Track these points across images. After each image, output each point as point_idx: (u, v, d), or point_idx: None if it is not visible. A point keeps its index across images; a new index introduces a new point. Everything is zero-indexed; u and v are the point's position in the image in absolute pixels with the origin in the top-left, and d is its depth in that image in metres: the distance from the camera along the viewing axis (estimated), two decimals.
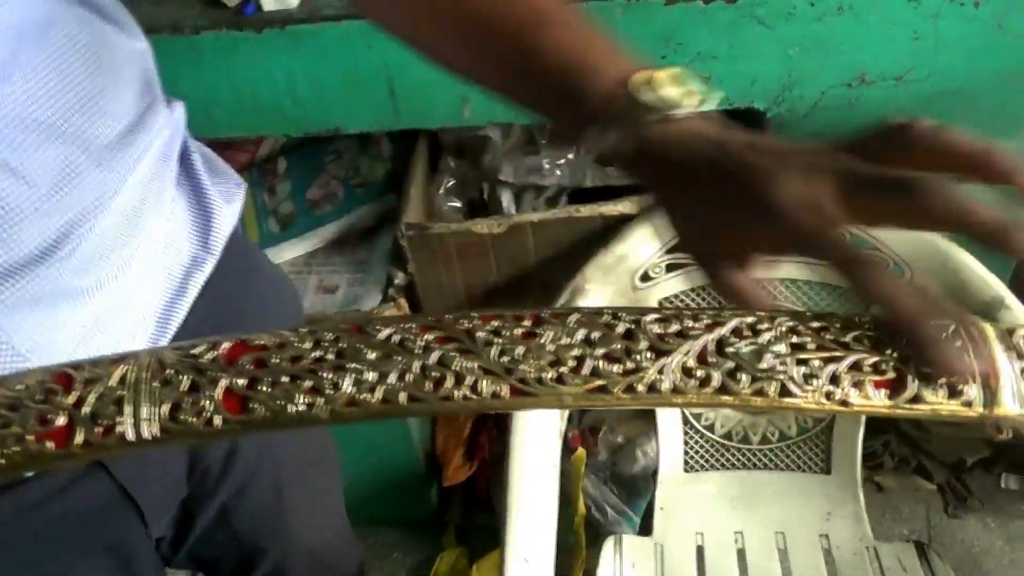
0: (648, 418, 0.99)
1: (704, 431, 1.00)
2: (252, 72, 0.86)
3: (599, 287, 0.89)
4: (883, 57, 0.78)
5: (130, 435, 0.30)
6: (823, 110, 0.83)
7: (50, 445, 0.30)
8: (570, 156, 0.99)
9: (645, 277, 0.91)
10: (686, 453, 1.01)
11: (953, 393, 0.30)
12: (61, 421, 0.30)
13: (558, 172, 0.99)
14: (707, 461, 1.01)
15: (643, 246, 0.90)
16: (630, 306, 0.32)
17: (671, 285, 0.92)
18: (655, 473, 1.03)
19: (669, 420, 0.99)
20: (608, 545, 0.95)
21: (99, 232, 0.47)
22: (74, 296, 0.46)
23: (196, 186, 0.57)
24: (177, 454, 0.59)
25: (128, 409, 0.30)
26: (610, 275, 0.89)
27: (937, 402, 0.30)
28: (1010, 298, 0.80)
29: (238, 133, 0.93)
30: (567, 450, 1.30)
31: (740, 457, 1.01)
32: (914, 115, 0.86)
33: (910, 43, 0.76)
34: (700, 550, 0.95)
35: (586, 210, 0.93)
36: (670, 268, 0.91)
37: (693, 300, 0.94)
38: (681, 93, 0.35)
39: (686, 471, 1.01)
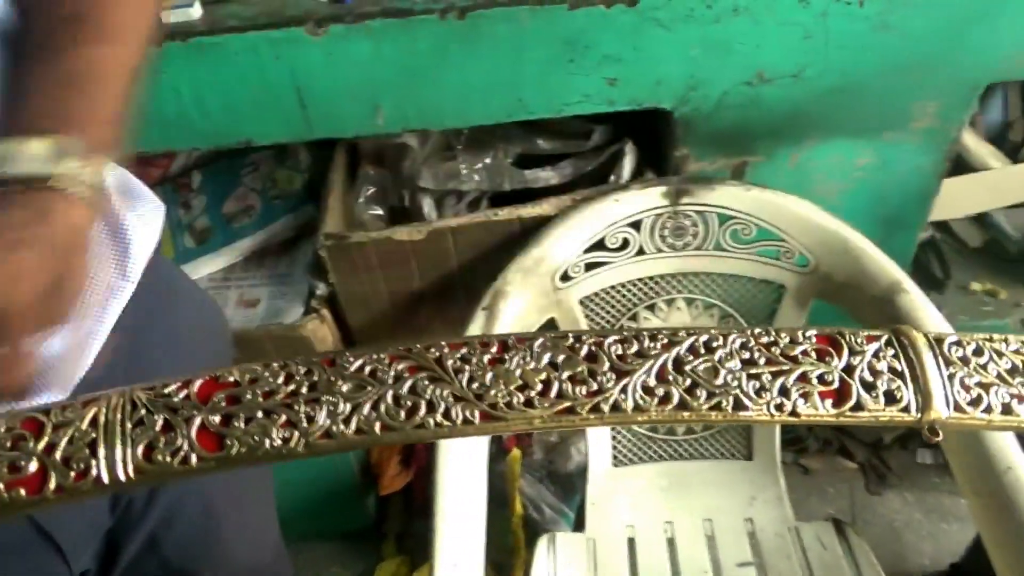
0: None
1: (632, 425, 1.02)
2: (156, 86, 0.84)
3: (520, 289, 0.89)
4: (778, 56, 0.81)
5: (105, 478, 0.30)
6: (726, 108, 0.85)
7: (22, 492, 0.30)
8: (487, 161, 1.00)
9: (565, 277, 0.92)
10: (614, 448, 1.03)
11: (891, 400, 0.32)
12: (33, 467, 0.30)
13: (476, 177, 1.00)
14: (635, 454, 1.03)
15: (562, 247, 0.91)
16: (592, 328, 0.34)
17: (591, 284, 0.94)
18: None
19: None
20: (542, 543, 0.96)
21: None
22: None
23: (110, 215, 0.55)
24: None
25: (102, 452, 0.30)
26: (531, 276, 0.90)
27: (877, 409, 0.32)
28: (907, 282, 0.84)
29: (145, 149, 0.90)
30: (502, 451, 1.31)
31: (667, 448, 1.03)
32: (811, 114, 0.89)
33: (802, 42, 0.79)
34: (631, 542, 0.97)
35: (504, 213, 0.93)
36: (589, 267, 0.92)
37: (613, 298, 0.96)
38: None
39: (615, 465, 1.03)
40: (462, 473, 0.80)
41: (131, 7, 0.48)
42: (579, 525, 1.01)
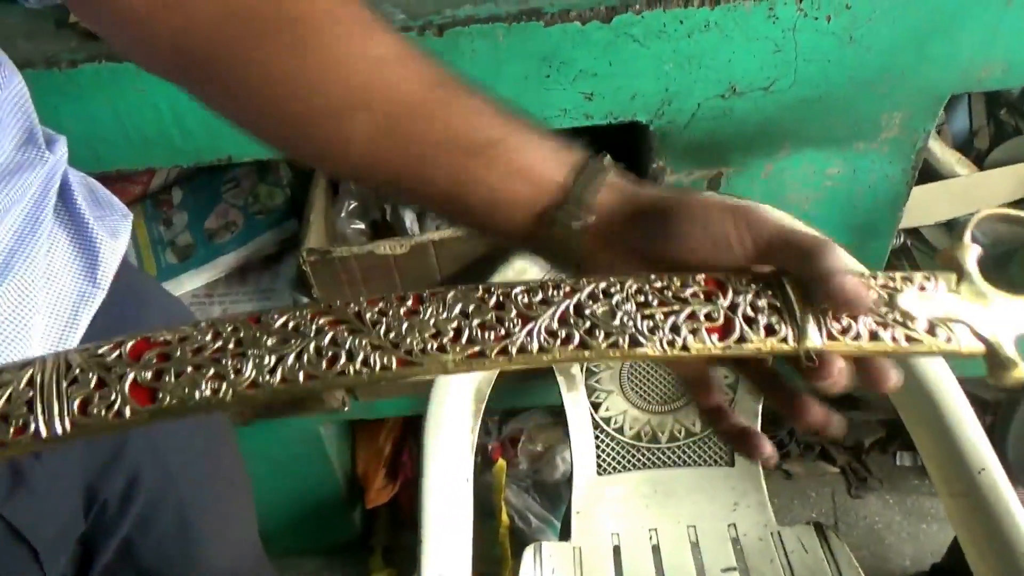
0: (565, 426, 1.02)
1: (614, 433, 1.03)
2: (136, 104, 0.84)
3: None
4: (750, 69, 0.83)
5: (43, 432, 0.31)
6: (701, 120, 0.87)
7: None
8: None
9: None
10: (598, 456, 1.04)
11: (770, 332, 0.35)
12: None
13: None
14: (619, 463, 1.04)
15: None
16: (501, 281, 0.36)
17: None
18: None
19: (580, 426, 1.02)
20: (528, 553, 0.97)
21: None
22: None
23: (78, 222, 0.56)
24: (72, 489, 0.58)
25: (39, 408, 0.31)
26: None
27: (759, 340, 0.35)
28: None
29: (125, 166, 0.91)
30: (488, 462, 1.31)
31: (650, 456, 1.04)
32: (782, 125, 0.90)
33: (772, 56, 0.81)
34: (617, 550, 0.98)
35: None
36: None
37: None
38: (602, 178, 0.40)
39: (599, 474, 1.04)
40: (447, 485, 0.81)
41: None
42: (565, 534, 1.02)
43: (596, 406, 1.02)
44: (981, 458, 0.73)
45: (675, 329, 0.35)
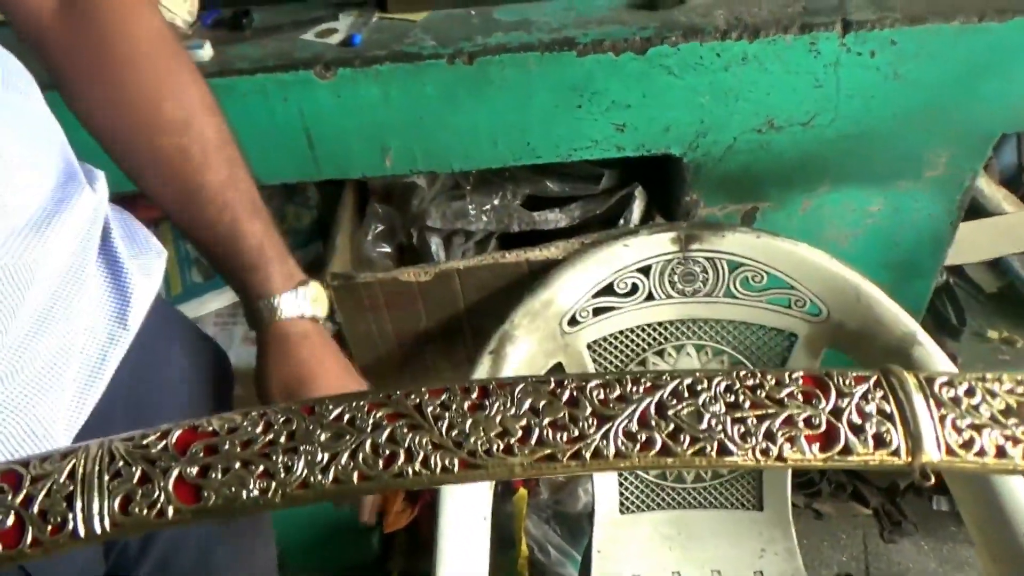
0: None
1: (638, 472, 1.00)
2: None
3: (527, 333, 0.89)
4: (789, 103, 0.80)
5: (81, 531, 0.30)
6: (736, 154, 0.85)
7: None
8: (496, 201, 0.99)
9: (573, 321, 0.91)
10: (621, 495, 1.01)
11: (880, 444, 0.31)
12: (10, 521, 0.30)
13: (484, 217, 1.00)
14: (642, 502, 1.01)
15: (570, 290, 0.90)
16: (574, 373, 0.34)
17: (599, 329, 0.93)
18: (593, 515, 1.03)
19: None
20: None
21: (15, 323, 0.45)
22: None
23: (113, 263, 0.55)
24: None
25: (79, 504, 0.30)
26: (537, 320, 0.89)
27: (866, 453, 0.31)
28: (921, 334, 0.82)
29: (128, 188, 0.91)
30: (509, 490, 1.29)
31: (675, 496, 1.01)
32: (822, 161, 0.88)
33: (813, 90, 0.79)
34: None
35: (512, 256, 0.93)
36: (597, 312, 0.91)
37: (622, 343, 0.94)
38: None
39: (622, 512, 1.01)
40: (465, 515, 0.78)
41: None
42: (585, 572, 0.99)
43: None
44: None
45: (769, 436, 0.31)
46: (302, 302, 0.60)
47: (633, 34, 0.77)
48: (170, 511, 0.30)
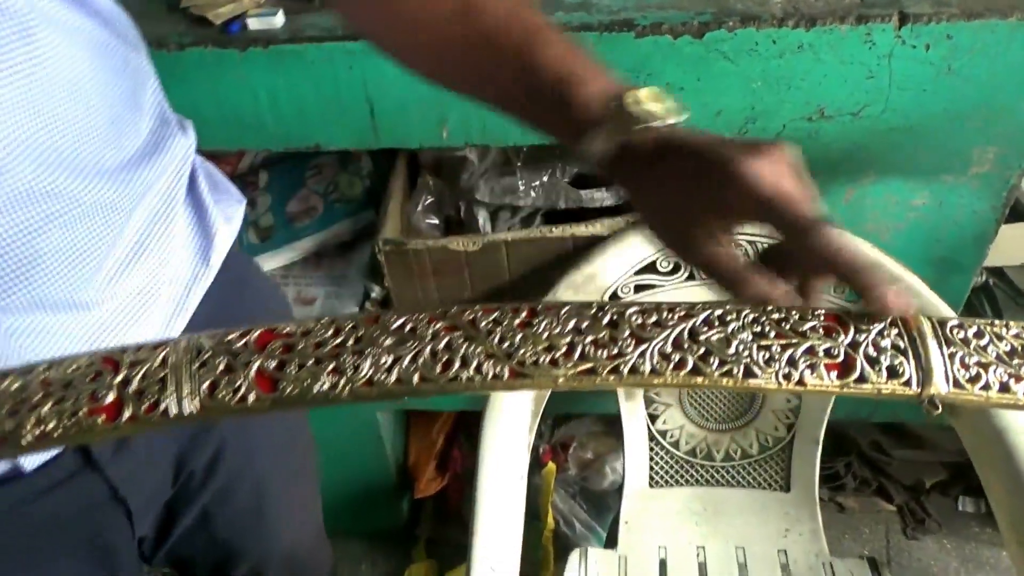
0: (617, 435, 1.02)
1: (669, 447, 1.03)
2: (235, 89, 0.88)
3: None
4: (840, 93, 0.82)
5: (173, 410, 0.33)
6: (785, 141, 0.86)
7: (101, 419, 0.33)
8: (544, 179, 1.02)
9: (614, 296, 0.94)
10: (651, 469, 1.04)
11: (892, 374, 0.34)
12: (111, 398, 0.33)
13: (533, 193, 1.02)
14: (672, 477, 1.04)
15: (613, 266, 0.93)
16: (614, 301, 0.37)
17: None
18: (622, 488, 1.06)
19: (636, 436, 1.02)
20: (574, 558, 0.97)
21: (113, 254, 0.49)
22: (79, 307, 0.48)
23: (199, 204, 0.59)
24: (165, 457, 0.61)
25: (171, 387, 0.33)
26: (580, 294, 0.92)
27: (880, 382, 0.34)
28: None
29: (220, 147, 0.95)
30: (537, 465, 1.32)
31: (703, 474, 1.04)
32: (869, 152, 0.89)
33: (865, 81, 0.80)
34: (663, 563, 0.98)
35: (558, 230, 0.96)
36: (638, 289, 0.94)
37: None
38: (660, 108, 0.42)
39: (651, 487, 1.04)
40: (502, 478, 0.82)
41: None
42: (609, 543, 1.02)
43: (653, 418, 1.02)
44: None
45: (792, 362, 0.34)
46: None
47: (691, 18, 0.79)
48: (251, 398, 0.33)
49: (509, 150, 1.04)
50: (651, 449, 1.03)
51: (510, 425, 0.83)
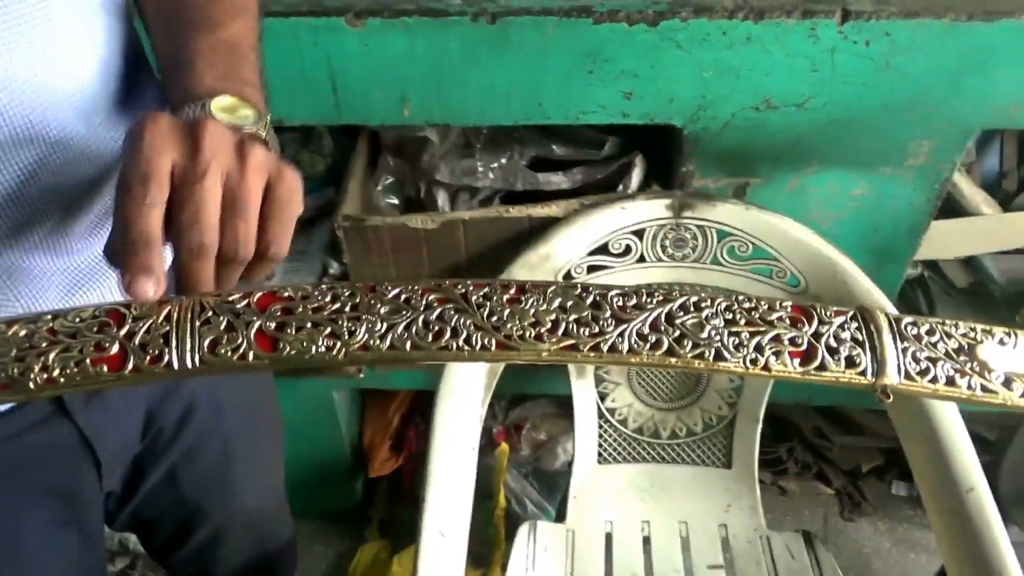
0: (570, 417, 1.05)
1: (618, 425, 1.06)
2: None
3: None
4: (785, 85, 0.86)
5: (175, 364, 0.34)
6: (733, 129, 0.90)
7: (105, 369, 0.34)
8: (503, 161, 1.05)
9: (567, 276, 0.97)
10: (600, 446, 1.07)
11: (850, 364, 0.37)
12: (115, 349, 0.34)
13: (491, 175, 1.05)
14: (620, 454, 1.07)
15: (567, 247, 0.96)
16: (597, 283, 0.40)
17: None
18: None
19: (586, 413, 1.05)
20: (522, 531, 1.00)
21: (98, 202, 0.50)
22: (61, 254, 0.49)
23: None
24: (137, 410, 0.62)
25: (174, 342, 0.35)
26: (535, 273, 0.95)
27: (838, 371, 0.37)
28: (891, 309, 0.88)
29: None
30: (491, 445, 1.35)
31: (650, 451, 1.07)
32: (812, 143, 0.92)
33: (809, 74, 0.84)
34: (609, 537, 1.01)
35: (515, 211, 0.98)
36: (591, 269, 0.97)
37: None
38: (230, 115, 0.45)
39: (599, 463, 1.07)
40: (454, 449, 0.84)
41: None
42: (560, 518, 1.05)
43: (603, 396, 1.05)
44: (971, 478, 0.75)
45: (759, 348, 0.37)
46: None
47: (647, 6, 0.82)
48: (251, 356, 0.35)
49: (469, 132, 1.06)
50: (600, 426, 1.06)
51: (463, 398, 0.86)
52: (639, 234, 0.96)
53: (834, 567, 0.94)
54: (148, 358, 0.34)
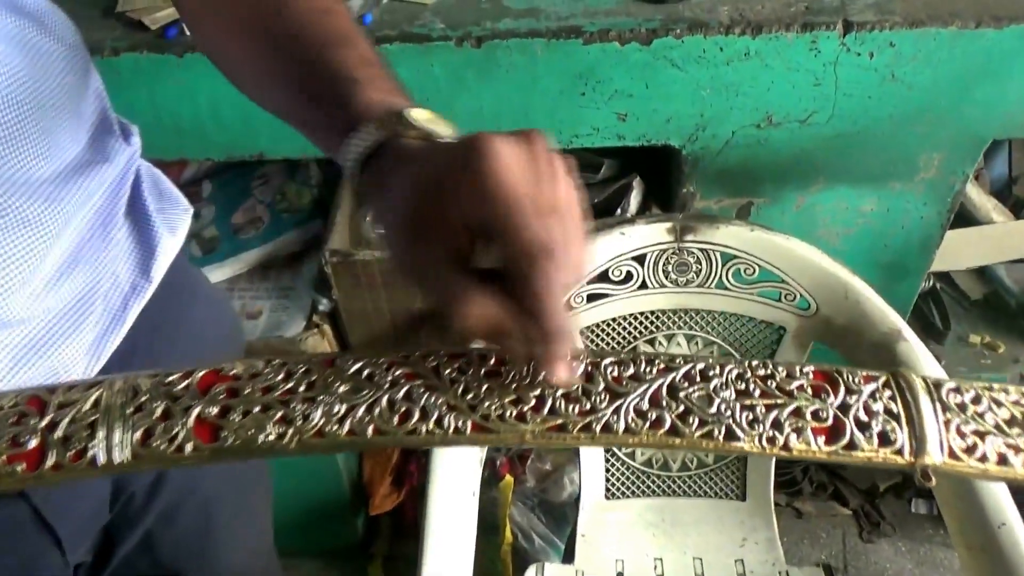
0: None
1: (625, 459, 1.02)
2: (174, 96, 0.85)
3: None
4: (787, 100, 0.82)
5: (101, 459, 0.31)
6: (735, 148, 0.87)
7: (21, 467, 0.30)
8: None
9: (567, 307, 0.92)
10: (607, 480, 1.02)
11: (884, 442, 0.32)
12: (33, 443, 0.31)
13: None
14: (628, 488, 1.03)
15: None
16: (589, 349, 0.35)
17: (592, 315, 0.94)
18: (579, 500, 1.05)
19: (592, 448, 1.00)
20: (530, 574, 0.95)
21: (41, 269, 0.46)
22: (7, 325, 0.45)
23: (142, 215, 0.56)
24: (101, 480, 0.58)
25: (101, 433, 0.31)
26: None
27: (871, 450, 0.32)
28: (907, 330, 0.84)
29: (159, 156, 0.91)
30: (495, 478, 1.30)
31: (660, 484, 1.03)
32: (818, 159, 0.89)
33: (811, 88, 0.81)
34: None
35: None
36: (591, 298, 0.93)
37: (614, 330, 0.96)
38: (435, 125, 0.38)
39: (607, 498, 1.02)
40: (453, 496, 0.80)
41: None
42: (568, 557, 1.01)
43: None
44: (1002, 512, 0.71)
45: (777, 425, 0.32)
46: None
47: (639, 25, 0.79)
48: (188, 448, 0.31)
49: None
50: (607, 460, 1.01)
51: None
52: (640, 259, 0.92)
53: None
54: (71, 453, 0.30)
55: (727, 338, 0.96)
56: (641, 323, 0.96)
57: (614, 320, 0.96)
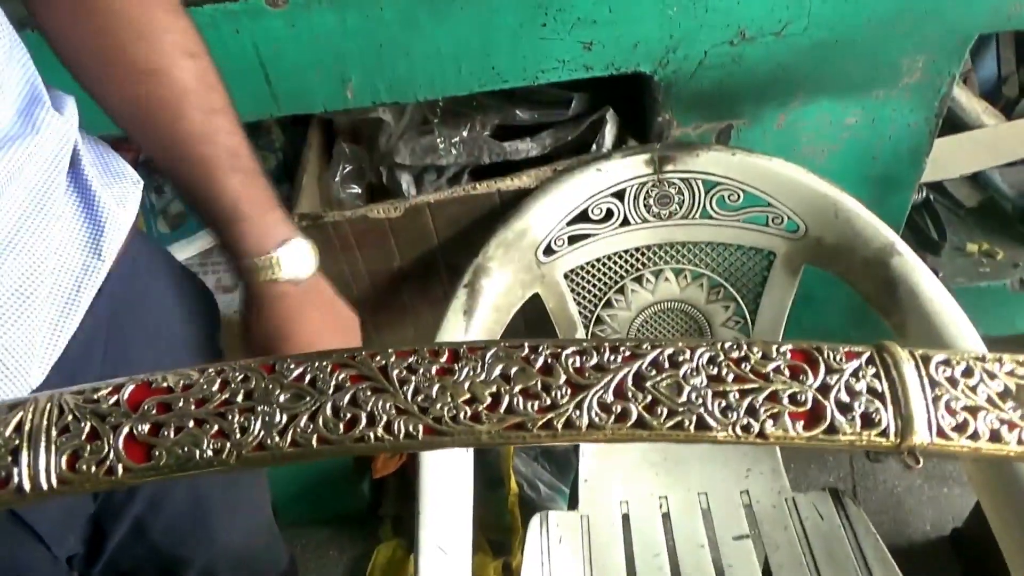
0: None
1: None
2: None
3: (502, 265, 0.87)
4: (760, 12, 0.77)
5: (26, 486, 0.29)
6: (708, 69, 0.82)
7: None
8: (465, 133, 0.97)
9: (548, 251, 0.90)
10: None
11: (868, 424, 0.30)
12: None
13: (454, 151, 0.97)
14: None
15: (543, 219, 0.89)
16: (550, 338, 0.32)
17: (575, 257, 0.91)
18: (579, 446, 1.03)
19: None
20: (534, 523, 0.95)
21: None
22: None
23: (84, 190, 0.54)
24: None
25: (24, 459, 0.29)
26: (512, 251, 0.88)
27: (853, 433, 0.30)
28: (900, 244, 0.81)
29: (106, 131, 0.87)
30: None
31: None
32: (796, 72, 0.85)
33: None
34: (626, 518, 0.95)
35: (483, 187, 0.91)
36: (573, 240, 0.90)
37: (599, 271, 0.93)
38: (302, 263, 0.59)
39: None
40: (448, 457, 0.78)
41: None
42: (573, 502, 1.00)
43: None
44: None
45: (752, 411, 0.30)
46: (276, 266, 0.58)
47: None
48: (119, 469, 0.29)
49: (425, 108, 0.99)
50: None
51: None
52: (619, 195, 0.88)
53: (866, 523, 0.88)
54: None
55: (716, 269, 0.93)
56: (626, 261, 0.93)
57: (598, 260, 0.93)
